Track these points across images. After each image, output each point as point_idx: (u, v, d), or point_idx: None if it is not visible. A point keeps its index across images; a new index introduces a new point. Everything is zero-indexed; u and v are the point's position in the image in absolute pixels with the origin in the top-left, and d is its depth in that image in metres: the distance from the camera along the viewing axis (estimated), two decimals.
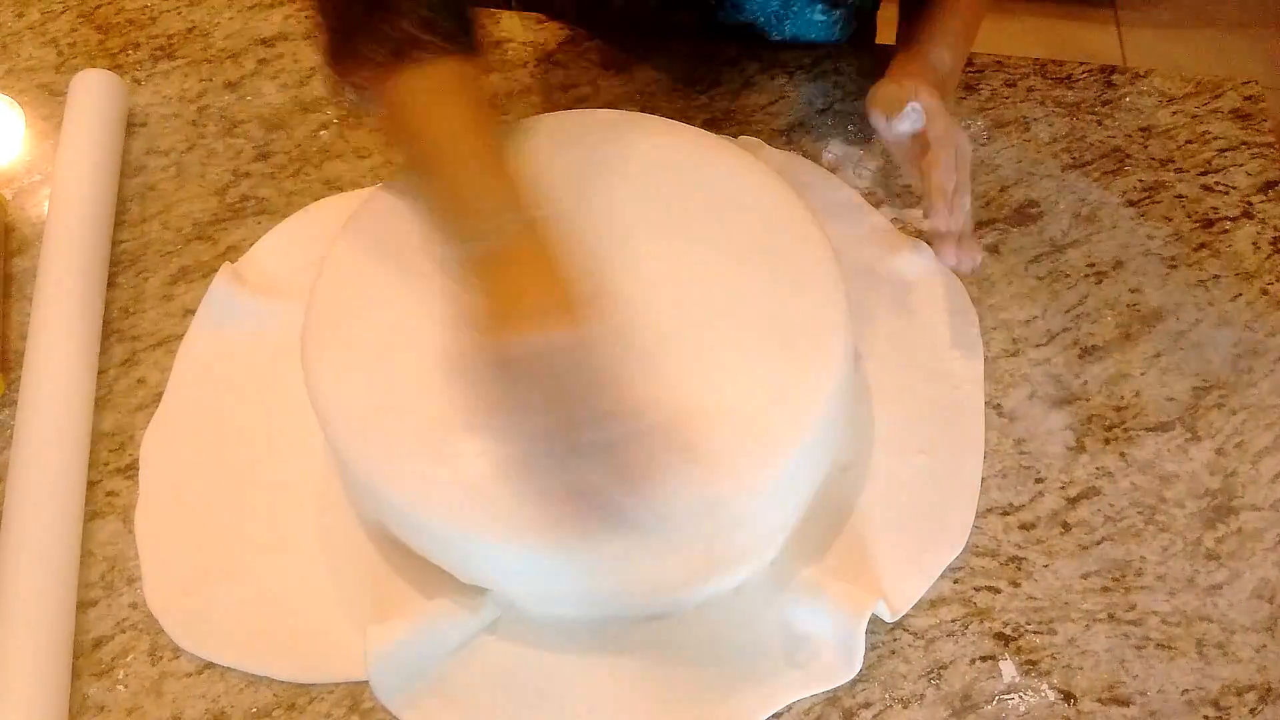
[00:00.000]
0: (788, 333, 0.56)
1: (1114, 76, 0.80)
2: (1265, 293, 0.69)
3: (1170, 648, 0.57)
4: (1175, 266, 0.71)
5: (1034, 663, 0.56)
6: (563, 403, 0.49)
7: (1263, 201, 0.74)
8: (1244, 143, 0.76)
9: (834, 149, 0.76)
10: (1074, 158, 0.76)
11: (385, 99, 0.55)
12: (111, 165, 0.75)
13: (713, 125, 0.77)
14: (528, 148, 0.64)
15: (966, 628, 0.57)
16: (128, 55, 0.84)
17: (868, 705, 0.55)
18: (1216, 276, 0.70)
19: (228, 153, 0.78)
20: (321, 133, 0.79)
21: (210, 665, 0.57)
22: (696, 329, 0.56)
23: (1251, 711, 0.54)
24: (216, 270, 0.70)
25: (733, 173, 0.63)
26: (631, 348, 0.55)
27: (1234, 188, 0.74)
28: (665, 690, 0.55)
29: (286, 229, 0.73)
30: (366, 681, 0.56)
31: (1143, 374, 0.66)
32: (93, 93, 0.76)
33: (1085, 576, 0.59)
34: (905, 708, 0.55)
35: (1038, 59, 0.82)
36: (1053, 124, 0.78)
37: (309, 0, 0.57)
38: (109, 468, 0.64)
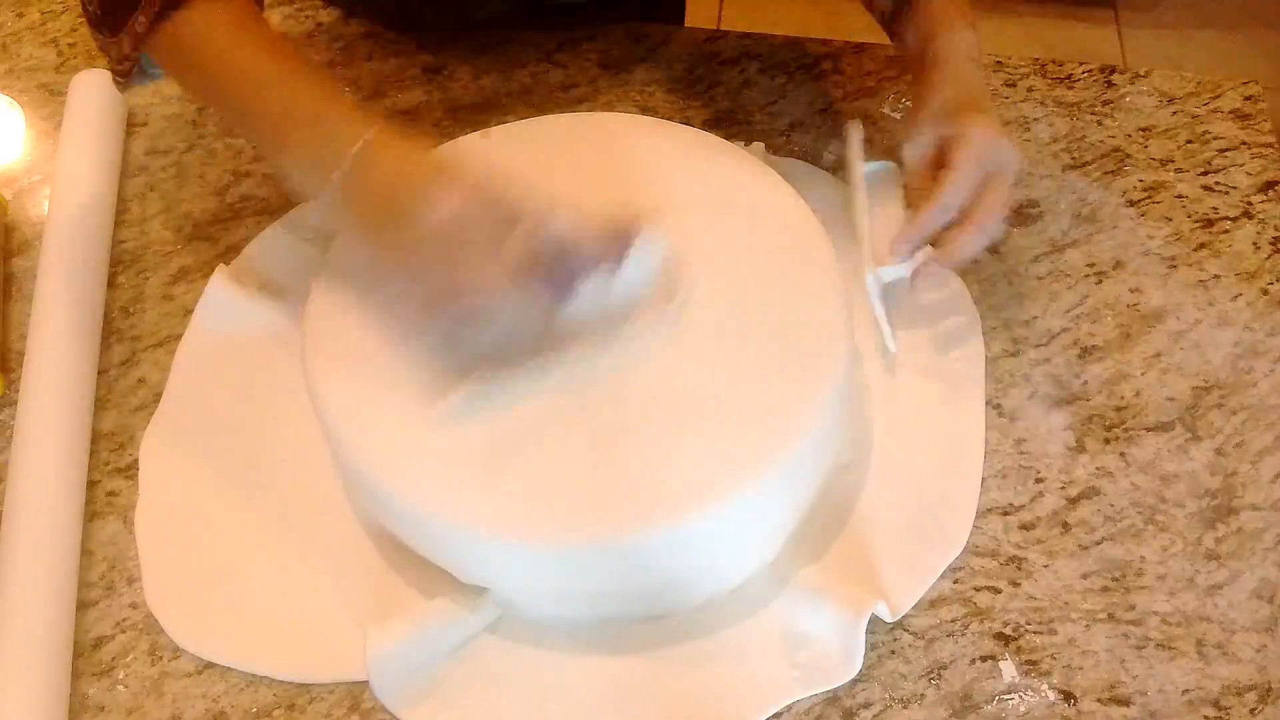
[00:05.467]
0: (788, 333, 0.56)
1: (1114, 76, 0.80)
2: (1265, 293, 0.69)
3: (1170, 648, 0.57)
4: (1175, 266, 0.71)
5: (1034, 663, 0.56)
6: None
7: (1263, 201, 0.74)
8: (1244, 143, 0.76)
9: (834, 149, 0.76)
10: (1074, 158, 0.76)
11: (175, 44, 0.55)
12: (111, 165, 0.75)
13: (713, 125, 0.77)
14: (527, 149, 0.65)
15: (966, 628, 0.57)
16: None
17: (868, 705, 0.55)
18: (1216, 276, 0.70)
19: (228, 153, 0.78)
20: None
21: (210, 665, 0.57)
22: (696, 329, 0.56)
23: (1251, 711, 0.54)
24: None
25: (733, 173, 0.63)
26: (630, 347, 0.55)
27: (1234, 188, 0.74)
28: (665, 690, 0.55)
29: (280, 228, 0.73)
30: (366, 681, 0.56)
31: (1143, 374, 0.66)
32: (93, 93, 0.76)
33: (1085, 576, 0.59)
34: (905, 708, 0.55)
35: (1038, 59, 0.82)
36: (1053, 124, 0.78)
37: None
38: (109, 468, 0.64)
